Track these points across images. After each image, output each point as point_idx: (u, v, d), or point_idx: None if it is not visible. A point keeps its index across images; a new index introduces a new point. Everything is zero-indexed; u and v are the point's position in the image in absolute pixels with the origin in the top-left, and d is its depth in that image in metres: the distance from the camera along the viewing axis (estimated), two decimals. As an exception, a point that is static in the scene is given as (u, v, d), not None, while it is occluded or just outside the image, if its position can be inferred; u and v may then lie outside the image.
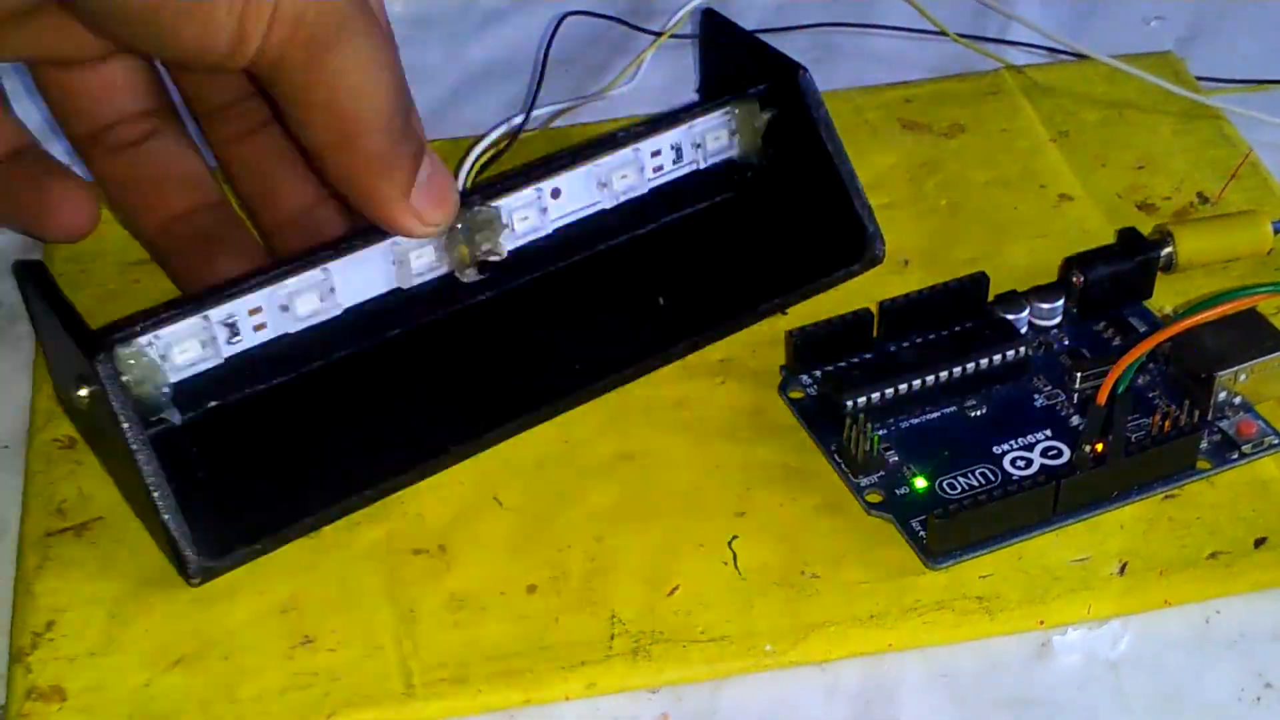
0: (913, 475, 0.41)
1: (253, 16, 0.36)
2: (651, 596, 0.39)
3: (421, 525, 0.41)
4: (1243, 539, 0.40)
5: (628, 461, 0.43)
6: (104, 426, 0.39)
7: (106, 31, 0.39)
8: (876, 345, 0.45)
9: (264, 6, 0.36)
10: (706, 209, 0.49)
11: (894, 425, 0.43)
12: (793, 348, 0.44)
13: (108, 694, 0.38)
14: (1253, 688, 0.38)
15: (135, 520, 0.41)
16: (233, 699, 0.37)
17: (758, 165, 0.49)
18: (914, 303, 0.45)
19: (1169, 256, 0.47)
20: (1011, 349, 0.44)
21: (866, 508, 0.41)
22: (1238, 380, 0.43)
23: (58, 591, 0.40)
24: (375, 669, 0.38)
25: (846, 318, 0.44)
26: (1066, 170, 0.52)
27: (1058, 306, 0.45)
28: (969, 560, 0.40)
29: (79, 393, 0.40)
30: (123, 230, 0.49)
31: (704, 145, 0.48)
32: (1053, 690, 0.38)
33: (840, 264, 0.47)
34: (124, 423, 0.38)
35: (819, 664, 0.39)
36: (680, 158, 0.48)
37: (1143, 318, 0.46)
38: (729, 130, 0.48)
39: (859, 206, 0.47)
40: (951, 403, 0.43)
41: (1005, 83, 0.55)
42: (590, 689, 0.38)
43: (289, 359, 0.43)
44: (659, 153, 0.47)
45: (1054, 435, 0.42)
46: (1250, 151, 0.52)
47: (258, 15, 0.36)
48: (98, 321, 0.40)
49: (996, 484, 0.41)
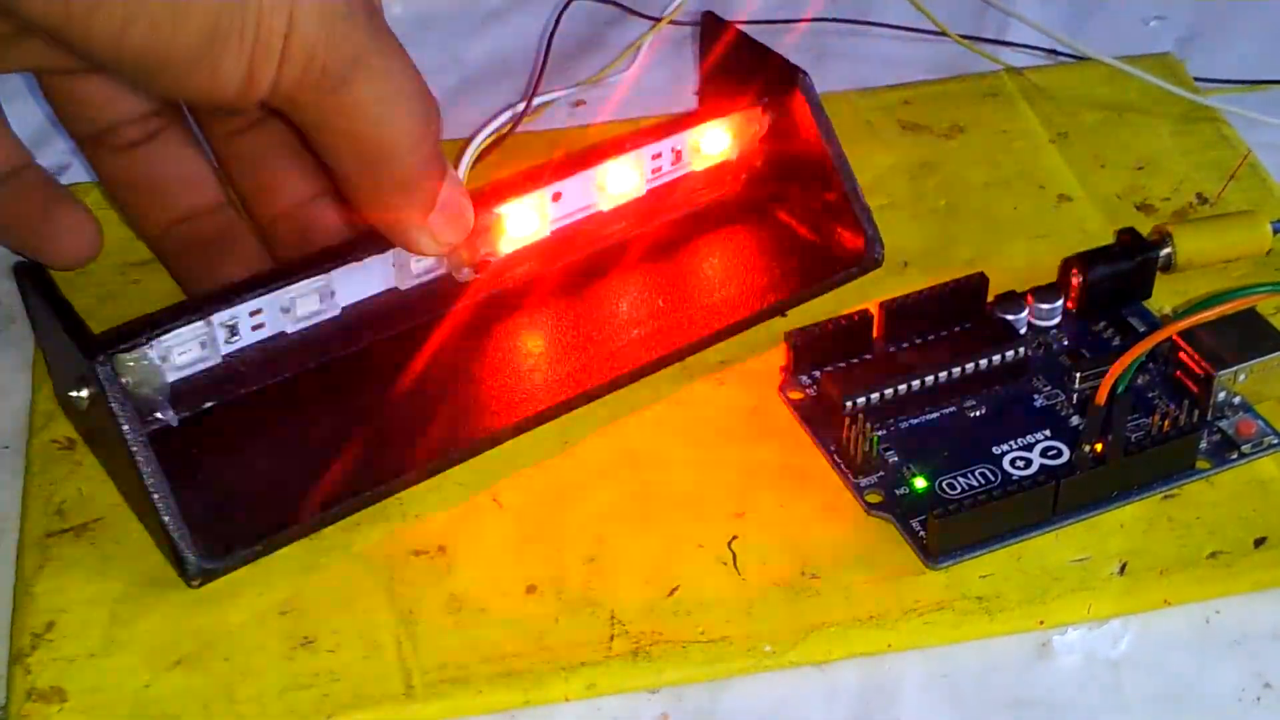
0: (912, 475, 0.41)
1: (261, 62, 0.36)
2: (651, 597, 0.39)
3: (421, 526, 0.41)
4: (1243, 539, 0.40)
5: (627, 462, 0.43)
6: (103, 427, 0.39)
7: (113, 75, 0.38)
8: (876, 346, 0.45)
9: (272, 51, 0.36)
10: (705, 211, 0.49)
11: (894, 425, 0.43)
12: (792, 349, 0.44)
13: (108, 695, 0.38)
14: (1253, 688, 0.38)
15: (135, 521, 0.41)
16: (233, 699, 0.37)
17: (756, 167, 0.49)
18: (914, 303, 0.45)
19: (1168, 257, 0.47)
20: (1011, 349, 0.44)
21: (866, 508, 0.41)
22: (1237, 380, 0.43)
23: (58, 592, 0.40)
24: (375, 670, 0.38)
25: (846, 319, 0.44)
26: (1066, 171, 0.52)
27: (1057, 307, 0.45)
28: (969, 560, 0.40)
29: (78, 394, 0.40)
30: (123, 231, 0.49)
31: (703, 148, 0.48)
32: (1053, 690, 0.38)
33: (839, 267, 0.47)
34: (123, 424, 0.38)
35: (819, 664, 0.39)
36: (679, 160, 0.48)
37: (1142, 318, 0.46)
38: (729, 134, 0.48)
39: (858, 210, 0.47)
40: (951, 403, 0.43)
41: (1004, 84, 0.55)
42: (590, 690, 0.38)
43: (287, 358, 0.43)
44: (659, 155, 0.47)
45: (1054, 435, 0.42)
46: (1249, 152, 0.52)
47: (266, 60, 0.36)
48: (98, 322, 0.40)
49: (996, 484, 0.41)
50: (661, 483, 0.42)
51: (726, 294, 0.47)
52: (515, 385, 0.44)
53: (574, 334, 0.46)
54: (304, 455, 0.42)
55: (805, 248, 0.48)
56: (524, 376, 0.44)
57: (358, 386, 0.44)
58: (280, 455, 0.42)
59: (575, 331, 0.46)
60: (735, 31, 0.48)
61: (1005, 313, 0.45)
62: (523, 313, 0.46)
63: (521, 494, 0.42)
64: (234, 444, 0.42)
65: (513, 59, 0.59)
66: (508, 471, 0.43)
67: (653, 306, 0.46)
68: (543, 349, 0.45)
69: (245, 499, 0.41)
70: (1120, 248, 0.46)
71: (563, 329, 0.46)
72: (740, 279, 0.47)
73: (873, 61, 0.58)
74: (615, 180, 0.46)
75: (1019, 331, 0.45)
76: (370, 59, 0.37)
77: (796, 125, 0.47)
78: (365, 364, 0.44)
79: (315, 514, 0.41)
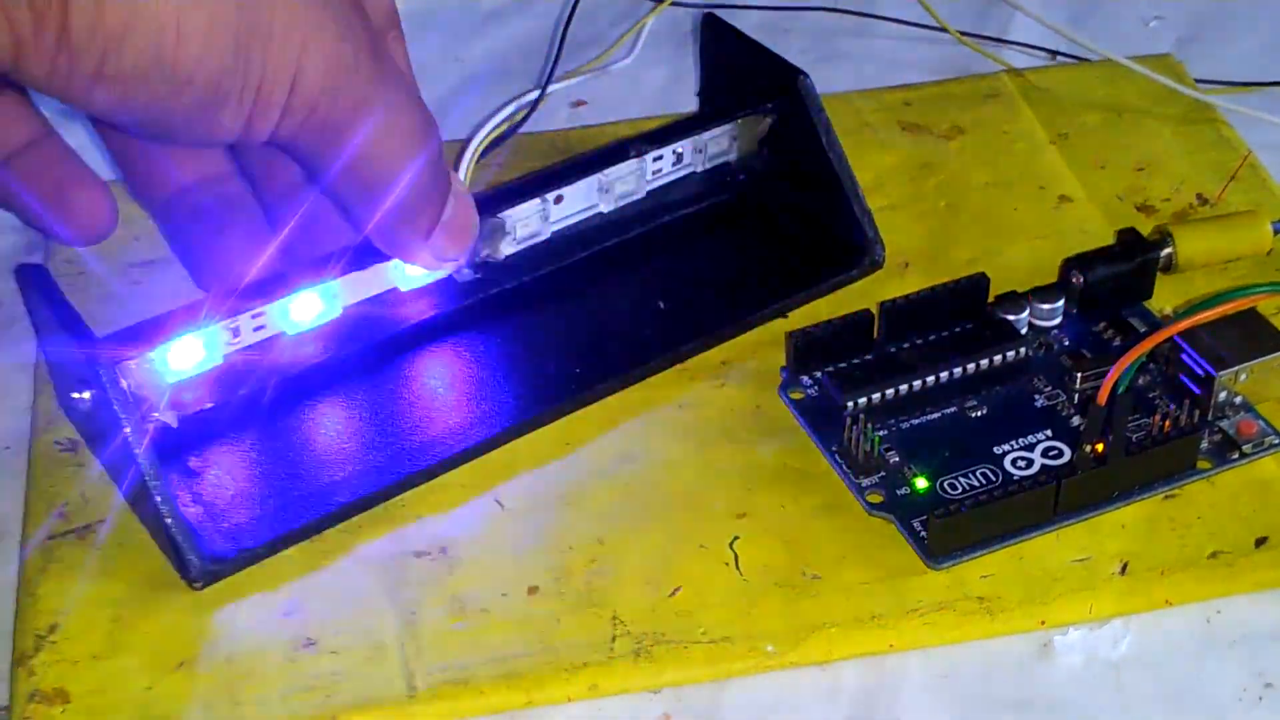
0: (914, 475, 0.42)
1: (260, 116, 0.36)
2: (653, 597, 0.39)
3: (423, 527, 0.41)
4: (1243, 539, 0.41)
5: (629, 463, 0.43)
6: (105, 430, 0.39)
7: (109, 120, 0.38)
8: (877, 346, 0.45)
9: (273, 105, 0.36)
10: (706, 212, 0.49)
11: (895, 426, 0.43)
12: (793, 349, 0.44)
13: (110, 697, 0.38)
14: (1254, 687, 0.38)
15: (138, 523, 0.41)
16: (235, 701, 0.38)
17: (757, 169, 0.49)
18: (914, 304, 0.45)
19: (1168, 257, 0.47)
20: (1012, 349, 0.44)
21: (868, 508, 0.41)
22: (1238, 380, 0.43)
23: (60, 594, 0.40)
24: (377, 671, 0.38)
25: (847, 319, 0.44)
26: (1066, 172, 0.52)
27: (1058, 307, 0.45)
28: (970, 560, 0.40)
29: (79, 395, 0.40)
30: (123, 232, 0.48)
31: (704, 149, 0.48)
32: (1054, 690, 0.38)
33: (840, 269, 0.47)
34: (125, 426, 0.38)
35: (820, 664, 0.39)
36: (680, 160, 0.48)
37: (1143, 318, 0.46)
38: (729, 135, 0.48)
39: (859, 213, 0.47)
40: (952, 403, 0.43)
41: (1005, 85, 0.55)
42: (592, 690, 0.38)
43: (288, 358, 0.43)
44: (660, 157, 0.47)
45: (1054, 435, 0.43)
46: (1249, 153, 0.52)
47: (267, 114, 0.36)
48: (98, 322, 0.40)
49: (997, 484, 0.41)
50: (663, 483, 0.42)
51: (727, 295, 0.47)
52: (516, 389, 0.44)
53: (573, 336, 0.46)
54: (305, 456, 0.42)
55: (806, 249, 0.48)
56: (525, 380, 0.44)
57: (358, 387, 0.44)
58: (281, 456, 0.42)
59: (575, 334, 0.46)
60: (737, 33, 0.48)
61: (1006, 313, 0.45)
62: (524, 314, 0.46)
63: (523, 495, 0.42)
64: (235, 444, 0.42)
65: (511, 58, 0.59)
66: (509, 473, 0.43)
67: (652, 308, 0.46)
68: (543, 351, 0.45)
69: (247, 500, 0.41)
70: (1121, 248, 0.46)
71: (562, 331, 0.46)
72: (741, 280, 0.47)
73: (873, 62, 0.58)
74: (616, 182, 0.46)
75: (1020, 331, 0.45)
76: (373, 101, 0.37)
77: (797, 127, 0.47)
78: (367, 363, 0.44)
79: (317, 517, 0.41)
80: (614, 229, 0.48)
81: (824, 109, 0.46)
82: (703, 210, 0.49)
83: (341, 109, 0.37)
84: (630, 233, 0.48)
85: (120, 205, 0.50)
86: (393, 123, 0.38)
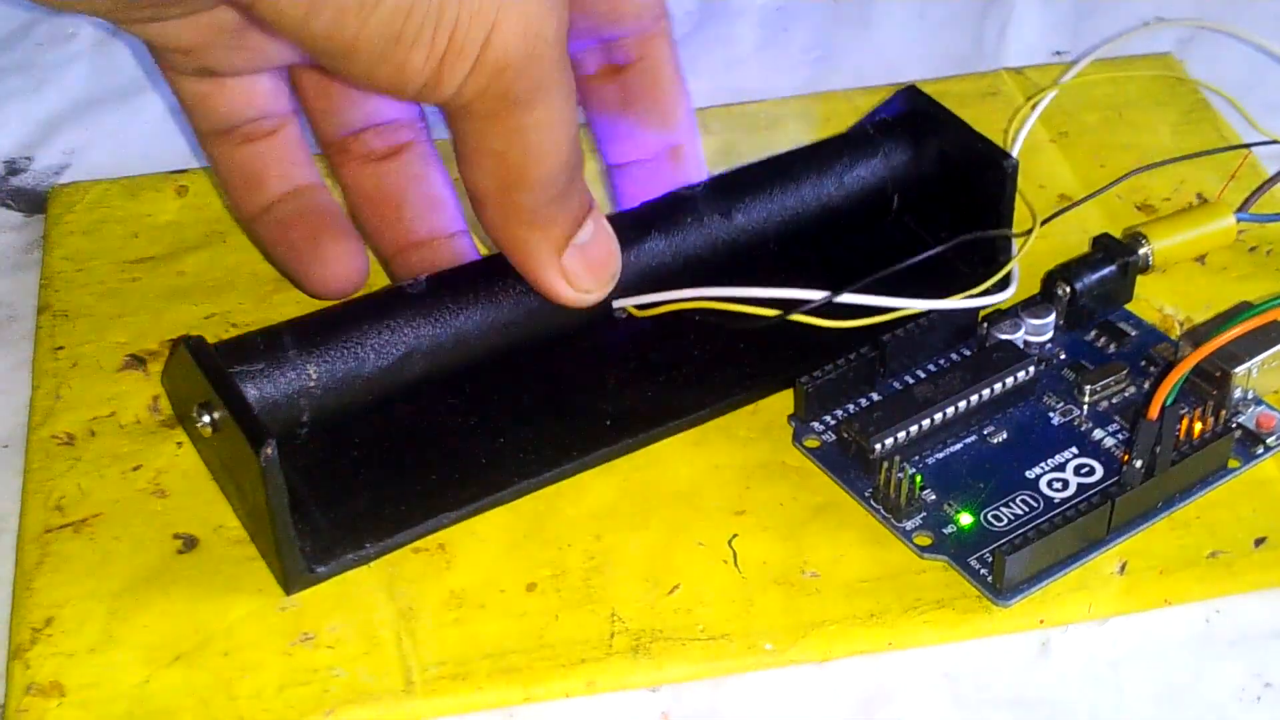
0: (956, 512, 0.40)
1: (451, 66, 0.35)
2: (651, 595, 0.39)
3: (421, 523, 0.41)
4: (1243, 539, 0.40)
5: (628, 459, 0.43)
6: (231, 448, 0.39)
7: (302, 54, 0.38)
8: (878, 382, 0.44)
9: (465, 58, 0.35)
10: None
11: (919, 461, 0.42)
12: (804, 396, 0.43)
13: (106, 690, 0.38)
14: (1253, 687, 0.38)
15: (134, 516, 0.41)
16: (231, 696, 0.37)
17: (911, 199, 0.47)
18: (912, 334, 0.43)
19: (1146, 257, 0.47)
20: (1021, 369, 0.43)
21: (918, 551, 0.40)
22: (1251, 375, 0.42)
23: (56, 588, 0.40)
24: (375, 666, 0.38)
25: (855, 359, 0.43)
26: (1066, 171, 0.52)
27: (1049, 322, 0.45)
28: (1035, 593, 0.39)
29: (206, 417, 0.39)
30: (122, 229, 0.49)
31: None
32: (1053, 690, 0.38)
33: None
34: (253, 445, 0.37)
35: (819, 663, 0.39)
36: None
37: (1128, 321, 0.46)
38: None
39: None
40: (970, 431, 0.42)
41: (1004, 83, 0.55)
42: (590, 687, 0.38)
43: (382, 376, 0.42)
44: None
45: (1081, 452, 0.42)
46: (1250, 153, 0.52)
47: (457, 65, 0.35)
48: (97, 322, 0.40)
49: (1039, 509, 0.40)
50: (662, 480, 0.42)
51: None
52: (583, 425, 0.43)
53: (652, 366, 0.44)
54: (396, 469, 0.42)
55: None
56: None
57: (451, 407, 0.43)
58: (377, 466, 0.42)
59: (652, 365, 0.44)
60: (941, 110, 0.46)
61: (1001, 332, 0.44)
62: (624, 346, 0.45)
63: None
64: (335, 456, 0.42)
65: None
66: (508, 469, 0.43)
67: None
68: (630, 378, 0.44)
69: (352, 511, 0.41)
70: (1102, 253, 0.46)
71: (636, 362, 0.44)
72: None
73: (873, 61, 0.58)
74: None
75: (1022, 349, 0.44)
76: (551, 84, 0.36)
77: (978, 202, 0.45)
78: (461, 386, 0.43)
79: (404, 530, 0.40)
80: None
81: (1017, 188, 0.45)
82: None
83: (526, 82, 0.36)
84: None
85: (120, 204, 0.50)
86: (557, 114, 0.37)
